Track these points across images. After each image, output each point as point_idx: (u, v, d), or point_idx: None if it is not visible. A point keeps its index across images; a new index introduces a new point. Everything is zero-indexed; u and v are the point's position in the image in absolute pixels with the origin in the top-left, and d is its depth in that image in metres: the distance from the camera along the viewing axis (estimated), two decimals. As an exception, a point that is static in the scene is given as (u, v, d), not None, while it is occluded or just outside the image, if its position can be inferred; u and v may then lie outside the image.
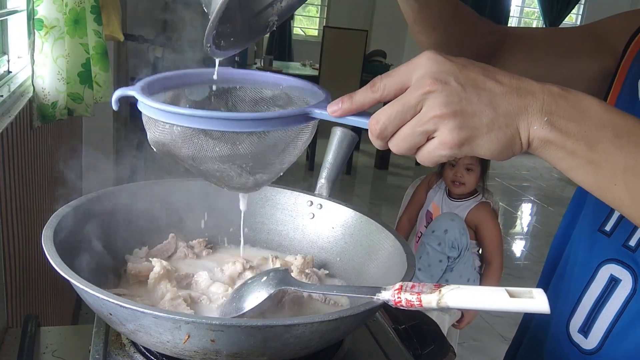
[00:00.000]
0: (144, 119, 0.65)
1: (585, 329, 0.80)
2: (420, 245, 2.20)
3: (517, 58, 0.90)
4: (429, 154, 0.54)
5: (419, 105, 0.53)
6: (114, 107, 0.64)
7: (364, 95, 0.56)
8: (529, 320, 0.96)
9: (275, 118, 0.60)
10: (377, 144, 0.57)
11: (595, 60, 0.85)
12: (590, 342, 0.80)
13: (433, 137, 0.53)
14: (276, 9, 0.72)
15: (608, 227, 0.80)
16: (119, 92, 0.63)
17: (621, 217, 0.78)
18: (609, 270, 0.79)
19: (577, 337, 0.81)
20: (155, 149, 0.66)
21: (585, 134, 0.53)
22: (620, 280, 0.77)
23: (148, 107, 0.61)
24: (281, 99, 0.73)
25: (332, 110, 0.58)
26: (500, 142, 0.53)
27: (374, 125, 0.55)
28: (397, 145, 0.55)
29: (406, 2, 0.82)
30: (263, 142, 0.64)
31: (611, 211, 0.80)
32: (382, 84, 0.55)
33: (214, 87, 0.73)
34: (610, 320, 0.77)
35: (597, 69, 0.85)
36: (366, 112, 0.58)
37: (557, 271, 0.91)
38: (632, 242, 0.76)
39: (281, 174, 0.73)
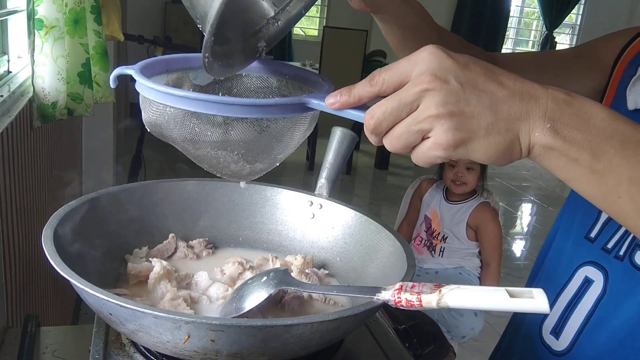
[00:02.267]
0: (140, 99, 0.64)
1: (557, 330, 0.81)
2: None
3: None
4: (423, 154, 0.53)
5: (416, 102, 0.51)
6: (112, 84, 0.63)
7: (362, 89, 0.55)
8: (510, 323, 0.97)
9: (271, 105, 0.58)
10: (371, 139, 0.55)
11: (587, 78, 0.86)
12: (561, 343, 0.80)
13: (428, 137, 0.52)
14: (264, 34, 0.72)
15: (593, 234, 0.81)
16: (117, 71, 0.63)
17: (606, 223, 0.79)
18: (584, 272, 0.79)
19: (549, 339, 0.82)
20: (149, 129, 0.65)
21: (590, 142, 0.51)
22: (593, 281, 0.78)
23: (142, 85, 0.60)
24: (286, 89, 0.71)
25: (330, 103, 0.57)
26: (498, 147, 0.51)
27: (368, 119, 0.53)
28: (391, 142, 0.54)
29: (389, 30, 0.82)
30: (257, 130, 0.63)
31: (597, 219, 0.81)
32: (381, 78, 0.53)
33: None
34: (581, 321, 0.78)
35: (589, 87, 0.86)
36: (365, 106, 0.56)
37: (539, 274, 0.92)
38: (610, 245, 0.77)
39: (277, 164, 0.71)
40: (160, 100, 0.59)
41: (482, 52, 0.93)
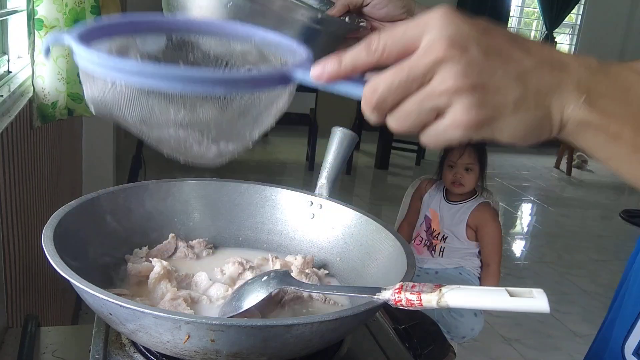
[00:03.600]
0: (80, 72, 0.52)
1: (639, 352, 0.75)
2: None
3: None
4: (437, 135, 0.45)
5: (429, 74, 0.43)
6: (44, 55, 0.56)
7: (356, 57, 0.45)
8: (595, 340, 0.90)
9: (247, 79, 0.48)
10: (372, 117, 0.46)
11: None
12: None
13: (444, 115, 0.44)
14: None
15: None
16: (50, 39, 0.52)
17: None
18: None
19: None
20: (94, 111, 0.54)
21: (633, 116, 0.44)
22: None
23: (82, 57, 0.49)
24: (252, 56, 0.61)
25: (316, 75, 0.47)
26: (527, 125, 0.44)
27: (370, 94, 0.45)
28: (397, 121, 0.45)
29: None
30: (229, 108, 0.53)
31: None
32: (382, 44, 0.44)
33: (173, 37, 0.60)
34: None
35: None
36: (360, 79, 0.47)
37: (621, 291, 0.86)
38: None
39: (250, 145, 0.61)
40: (107, 75, 0.48)
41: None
